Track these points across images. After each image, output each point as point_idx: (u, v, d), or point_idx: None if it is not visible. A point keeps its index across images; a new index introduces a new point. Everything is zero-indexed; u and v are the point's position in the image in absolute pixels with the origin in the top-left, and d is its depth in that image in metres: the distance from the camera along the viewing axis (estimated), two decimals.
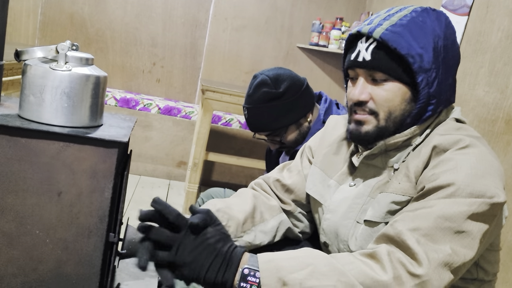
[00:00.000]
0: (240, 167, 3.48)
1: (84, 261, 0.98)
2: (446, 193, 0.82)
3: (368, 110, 0.95)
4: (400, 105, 0.94)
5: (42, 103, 0.93)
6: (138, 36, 3.67)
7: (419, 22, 0.91)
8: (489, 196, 0.81)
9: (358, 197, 1.00)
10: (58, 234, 0.96)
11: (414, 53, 0.88)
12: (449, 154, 0.87)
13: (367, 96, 0.95)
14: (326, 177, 1.10)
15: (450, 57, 0.94)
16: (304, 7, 3.80)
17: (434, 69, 0.90)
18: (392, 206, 0.93)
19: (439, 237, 0.80)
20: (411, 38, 0.89)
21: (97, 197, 0.95)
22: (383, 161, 0.99)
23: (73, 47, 1.01)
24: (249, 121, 1.56)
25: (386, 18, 0.94)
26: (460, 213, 0.80)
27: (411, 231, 0.81)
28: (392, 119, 0.95)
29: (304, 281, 0.76)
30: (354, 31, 0.96)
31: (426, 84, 0.90)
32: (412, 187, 0.91)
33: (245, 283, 0.77)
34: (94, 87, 0.98)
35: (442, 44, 0.91)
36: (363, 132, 0.97)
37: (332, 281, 0.75)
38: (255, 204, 1.11)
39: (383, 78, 0.93)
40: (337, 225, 1.03)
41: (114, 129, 1.02)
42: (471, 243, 0.80)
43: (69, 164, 0.93)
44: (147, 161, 3.43)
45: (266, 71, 1.53)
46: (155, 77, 3.76)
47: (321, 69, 3.92)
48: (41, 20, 3.51)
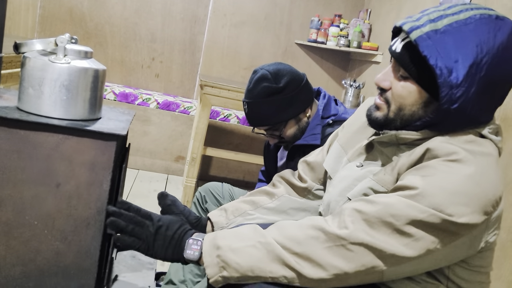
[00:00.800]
0: (237, 162, 3.49)
1: (82, 252, 0.99)
2: (407, 193, 0.83)
3: (384, 98, 0.97)
4: (411, 106, 0.92)
5: (41, 96, 0.94)
6: (137, 31, 3.67)
7: (467, 32, 0.84)
8: (448, 213, 0.79)
9: (358, 180, 1.01)
10: (57, 225, 0.97)
11: (443, 66, 0.83)
12: (435, 162, 0.85)
13: (387, 84, 0.96)
14: (343, 153, 1.14)
15: (496, 76, 0.85)
16: (303, 4, 3.80)
17: (463, 86, 0.83)
18: (369, 191, 0.95)
19: (377, 226, 0.83)
20: (446, 50, 0.84)
21: (96, 189, 0.96)
22: (393, 153, 0.99)
23: (72, 40, 1.02)
24: (248, 116, 1.56)
25: (435, 19, 0.87)
26: (407, 215, 0.81)
27: (354, 211, 0.86)
28: (400, 116, 0.94)
29: (232, 244, 0.91)
30: (399, 24, 0.93)
31: (449, 100, 0.84)
32: (392, 182, 0.93)
33: (190, 250, 0.95)
34: (93, 80, 0.99)
35: (488, 61, 0.83)
36: (373, 116, 1.00)
37: (252, 242, 0.90)
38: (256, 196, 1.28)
39: (404, 75, 0.92)
40: (332, 199, 1.06)
41: (112, 122, 1.03)
42: (410, 244, 0.82)
43: (67, 156, 0.94)
44: (146, 155, 3.44)
45: (266, 66, 1.54)
46: (154, 72, 3.76)
47: (319, 66, 3.93)
48: (40, 14, 3.50)
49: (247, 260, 0.89)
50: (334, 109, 1.57)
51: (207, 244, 0.94)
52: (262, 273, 0.88)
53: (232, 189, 1.73)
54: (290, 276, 0.87)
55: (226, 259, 0.90)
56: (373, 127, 1.02)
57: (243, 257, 0.89)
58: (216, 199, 1.69)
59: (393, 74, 0.95)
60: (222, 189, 1.70)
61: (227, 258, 0.90)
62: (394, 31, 0.97)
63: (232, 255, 0.90)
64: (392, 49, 0.94)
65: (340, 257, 0.84)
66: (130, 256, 1.32)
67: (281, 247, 0.88)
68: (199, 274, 1.55)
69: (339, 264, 0.84)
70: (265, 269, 0.88)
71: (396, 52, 0.92)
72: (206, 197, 1.70)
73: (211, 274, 0.91)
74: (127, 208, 0.99)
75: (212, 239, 0.94)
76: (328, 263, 0.84)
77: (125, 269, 1.30)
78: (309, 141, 1.50)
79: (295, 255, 0.87)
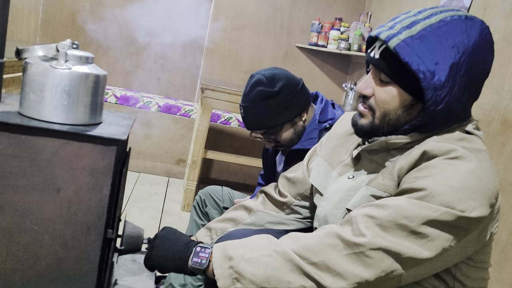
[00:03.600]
0: (238, 165, 3.50)
1: (83, 257, 0.99)
2: (416, 195, 0.83)
3: (368, 106, 0.97)
4: (396, 110, 0.93)
5: (42, 101, 0.95)
6: (139, 34, 3.68)
7: (442, 34, 0.87)
8: (460, 209, 0.81)
9: (352, 190, 1.02)
10: (57, 230, 0.97)
11: (425, 70, 0.85)
12: (435, 161, 0.86)
13: (370, 91, 0.96)
14: (330, 169, 1.13)
15: (474, 74, 0.88)
16: (304, 7, 3.81)
17: (446, 86, 0.86)
18: (371, 199, 0.95)
19: (392, 229, 0.82)
20: (426, 53, 0.86)
21: (96, 194, 0.97)
22: (383, 159, 1.00)
23: (74, 45, 1.02)
24: (245, 120, 1.58)
25: (409, 26, 0.89)
26: (420, 215, 0.81)
27: (366, 217, 0.84)
28: (386, 121, 0.95)
29: (245, 254, 0.88)
30: (374, 34, 0.94)
31: (434, 101, 0.87)
32: (394, 186, 0.93)
33: (197, 258, 0.93)
34: (94, 85, 0.99)
35: (466, 60, 0.86)
36: (359, 124, 1.00)
37: (268, 252, 0.87)
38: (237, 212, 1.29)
39: (386, 80, 0.93)
40: (328, 213, 1.06)
41: (113, 127, 1.03)
42: (427, 244, 0.82)
43: (68, 161, 0.94)
44: (147, 158, 3.45)
45: (262, 71, 1.55)
46: (155, 75, 3.77)
47: (320, 69, 3.93)
48: (43, 18, 3.52)
49: (263, 270, 0.85)
50: (331, 113, 1.57)
51: (217, 254, 0.91)
52: (280, 284, 0.85)
53: (232, 192, 1.73)
54: (309, 286, 0.84)
55: (240, 270, 0.87)
56: (361, 136, 1.02)
57: (258, 267, 0.86)
58: (216, 202, 1.69)
59: (374, 81, 0.96)
60: (222, 193, 1.71)
61: (241, 269, 0.87)
62: (369, 40, 0.98)
63: (247, 265, 0.86)
64: (371, 55, 0.95)
65: (360, 265, 0.82)
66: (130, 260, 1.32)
67: (299, 256, 0.85)
68: (200, 278, 1.55)
69: (360, 272, 0.82)
70: (283, 279, 0.85)
71: (375, 58, 0.93)
72: (206, 200, 1.70)
73: (223, 286, 0.88)
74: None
75: (222, 249, 0.91)
76: (348, 272, 0.82)
77: (125, 273, 1.30)
78: (306, 146, 1.50)
79: (313, 265, 0.84)
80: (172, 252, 0.99)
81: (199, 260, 0.92)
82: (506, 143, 1.80)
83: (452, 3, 2.33)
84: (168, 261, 0.98)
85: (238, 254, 0.89)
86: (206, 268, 0.93)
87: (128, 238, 1.12)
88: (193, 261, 0.93)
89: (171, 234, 1.03)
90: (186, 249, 0.97)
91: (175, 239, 1.01)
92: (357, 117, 1.01)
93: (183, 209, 2.86)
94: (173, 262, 0.97)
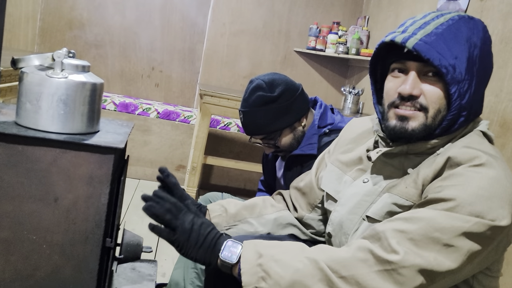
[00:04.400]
0: (238, 171, 3.49)
1: (81, 266, 0.98)
2: (445, 206, 0.81)
3: (419, 106, 0.92)
4: (444, 106, 0.92)
5: (38, 110, 0.94)
6: (137, 41, 3.68)
7: (454, 30, 0.89)
8: (490, 219, 0.79)
9: (368, 195, 1.00)
10: (55, 239, 0.96)
11: (447, 64, 0.86)
12: (461, 169, 0.84)
13: (419, 91, 0.92)
14: (341, 174, 1.12)
15: (484, 68, 0.91)
16: (301, 11, 3.82)
17: (467, 80, 0.88)
18: (394, 207, 0.93)
19: (424, 244, 0.79)
20: (445, 48, 0.87)
21: (94, 202, 0.96)
22: (401, 163, 0.98)
23: (70, 54, 1.02)
24: (244, 125, 1.58)
25: (421, 26, 0.91)
26: (453, 227, 0.79)
27: (396, 231, 0.81)
28: (439, 118, 0.92)
29: (276, 255, 0.86)
30: (388, 39, 0.93)
31: (459, 95, 0.88)
32: (418, 194, 0.90)
33: (228, 252, 0.90)
34: (91, 94, 0.99)
35: (478, 54, 0.89)
36: (409, 129, 0.93)
37: (300, 258, 0.85)
38: (257, 202, 1.23)
39: (433, 78, 0.91)
40: (344, 218, 1.04)
41: (110, 135, 1.03)
42: (457, 258, 0.80)
43: (65, 171, 0.94)
44: (146, 165, 3.44)
45: (262, 76, 1.56)
46: (154, 82, 3.78)
47: (319, 73, 3.94)
48: (40, 26, 3.53)
49: (291, 274, 0.83)
50: (330, 118, 1.57)
51: (248, 249, 0.88)
52: None
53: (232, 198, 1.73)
54: None
55: (268, 269, 0.84)
56: (409, 140, 0.96)
57: (287, 270, 0.83)
58: None
59: (420, 79, 0.92)
60: (222, 199, 1.70)
61: (269, 268, 0.84)
62: (381, 47, 0.97)
63: (276, 266, 0.84)
64: (413, 54, 0.90)
65: (391, 282, 0.79)
66: (130, 268, 1.31)
67: (329, 268, 0.82)
68: (201, 286, 1.54)
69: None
70: (309, 286, 0.82)
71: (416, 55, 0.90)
72: None
73: (247, 282, 0.85)
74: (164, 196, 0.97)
75: (253, 246, 0.89)
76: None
77: (125, 282, 1.29)
78: (305, 151, 1.50)
79: (343, 278, 0.81)
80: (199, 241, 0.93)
81: (229, 254, 0.89)
82: (506, 145, 1.80)
83: (449, 6, 2.33)
84: (195, 249, 0.92)
85: (269, 253, 0.86)
86: (234, 265, 0.89)
87: (127, 246, 1.11)
88: (223, 254, 0.89)
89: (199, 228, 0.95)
90: (215, 241, 0.92)
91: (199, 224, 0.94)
92: (401, 124, 0.94)
93: None
94: (200, 251, 0.92)
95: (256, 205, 1.23)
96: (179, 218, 0.94)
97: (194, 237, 0.92)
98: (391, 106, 0.96)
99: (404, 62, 0.94)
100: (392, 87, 0.96)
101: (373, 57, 1.02)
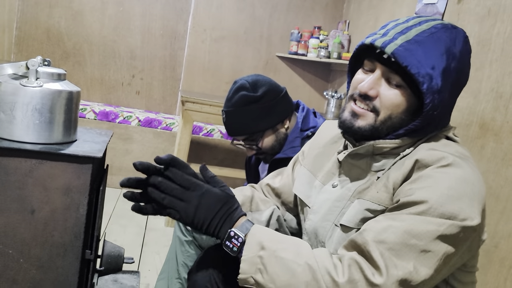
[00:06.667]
0: (222, 178, 3.42)
1: (60, 279, 0.96)
2: (418, 209, 0.82)
3: (372, 107, 0.93)
4: (401, 114, 0.92)
5: (13, 120, 0.92)
6: (116, 48, 3.65)
7: (435, 39, 0.89)
8: (461, 219, 0.81)
9: (339, 200, 1.00)
10: (33, 253, 0.94)
11: (424, 73, 0.86)
12: (429, 170, 0.86)
13: (375, 92, 0.93)
14: (313, 178, 1.11)
15: (459, 80, 0.91)
16: (282, 16, 3.83)
17: (442, 92, 0.88)
18: (366, 213, 0.93)
19: (404, 253, 0.80)
20: (423, 57, 0.87)
21: (72, 214, 0.94)
22: (367, 164, 0.99)
23: (45, 62, 1.00)
24: (227, 125, 1.58)
25: (403, 31, 0.90)
26: (428, 232, 0.80)
27: (377, 243, 0.81)
28: (388, 124, 0.93)
29: (278, 251, 0.84)
30: (368, 42, 0.93)
31: (432, 106, 0.88)
32: (389, 198, 0.91)
33: (229, 243, 0.88)
34: (67, 102, 0.97)
35: (455, 66, 0.89)
36: (356, 125, 0.95)
37: (300, 261, 0.83)
38: (253, 194, 1.21)
39: (398, 83, 0.91)
40: (317, 226, 1.04)
41: (88, 145, 1.00)
42: (434, 264, 0.80)
43: (42, 182, 0.92)
44: (129, 174, 3.38)
45: (246, 77, 1.57)
46: (134, 89, 3.74)
47: (301, 77, 3.95)
48: (17, 35, 3.46)
49: (288, 276, 0.82)
50: (313, 121, 1.57)
51: (251, 239, 0.87)
52: None
53: None
54: None
55: (266, 264, 0.84)
56: (355, 137, 0.99)
57: (285, 271, 0.83)
58: None
59: (381, 81, 0.93)
60: None
61: (268, 263, 0.84)
62: (361, 48, 0.97)
63: (275, 263, 0.83)
64: (384, 57, 0.91)
65: None
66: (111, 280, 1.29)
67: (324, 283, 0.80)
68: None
69: None
70: None
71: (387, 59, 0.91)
72: None
73: (244, 270, 0.85)
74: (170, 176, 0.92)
75: (258, 237, 0.87)
76: None
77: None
78: (288, 154, 1.50)
79: None
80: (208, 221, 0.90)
81: (231, 245, 0.88)
82: (485, 146, 1.82)
83: (427, 9, 2.36)
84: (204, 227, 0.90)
85: (272, 247, 0.85)
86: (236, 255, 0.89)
87: (107, 258, 1.09)
88: (225, 244, 0.88)
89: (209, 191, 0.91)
90: (220, 225, 0.90)
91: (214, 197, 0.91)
92: (351, 119, 0.96)
93: (167, 225, 2.82)
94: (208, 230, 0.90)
95: (252, 199, 1.21)
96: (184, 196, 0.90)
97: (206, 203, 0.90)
98: (350, 98, 0.98)
99: (374, 62, 0.94)
100: (357, 80, 0.97)
101: (352, 57, 1.02)
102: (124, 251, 1.13)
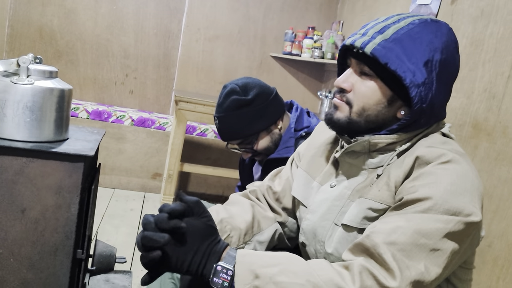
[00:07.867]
0: (216, 178, 3.46)
1: (51, 279, 0.95)
2: (423, 207, 0.82)
3: (346, 99, 0.97)
4: (376, 105, 0.94)
5: (3, 118, 0.91)
6: (109, 47, 3.63)
7: (414, 35, 0.90)
8: (466, 214, 0.81)
9: (338, 199, 1.00)
10: (23, 252, 0.93)
11: (405, 69, 0.88)
12: (430, 167, 0.86)
13: (349, 85, 0.96)
14: (310, 179, 1.11)
15: (447, 72, 0.93)
16: (276, 16, 3.83)
17: (427, 83, 0.89)
18: (369, 212, 0.92)
19: (415, 253, 0.80)
20: (402, 53, 0.89)
21: (63, 213, 0.93)
22: (364, 161, 0.99)
23: (36, 60, 0.99)
24: (220, 130, 1.56)
25: (381, 30, 0.93)
26: (437, 230, 0.80)
27: (387, 244, 0.80)
28: (365, 116, 0.95)
29: (274, 276, 0.79)
30: (348, 42, 0.95)
31: (420, 99, 0.89)
32: (391, 196, 0.91)
33: (218, 279, 0.82)
34: (58, 100, 0.95)
35: (438, 58, 0.90)
36: (335, 117, 0.98)
37: (301, 280, 0.79)
38: (254, 213, 1.14)
39: (369, 73, 0.94)
40: (316, 225, 1.03)
41: (80, 143, 0.99)
42: (443, 262, 0.81)
43: (33, 180, 0.90)
44: (121, 173, 3.38)
45: (235, 81, 1.55)
46: (128, 89, 3.72)
47: (295, 78, 3.95)
48: (9, 33, 3.43)
49: None
50: (306, 121, 1.57)
51: (242, 270, 0.81)
52: None
53: (210, 206, 1.70)
54: None
55: None
56: (336, 130, 1.01)
57: None
58: None
59: (355, 75, 0.97)
60: None
61: None
62: (344, 48, 1.00)
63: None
64: (354, 50, 0.95)
65: None
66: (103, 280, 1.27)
67: None
68: None
69: None
70: None
71: (358, 52, 0.94)
72: None
73: None
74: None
75: (248, 265, 0.82)
76: None
77: None
78: (282, 154, 1.49)
79: None
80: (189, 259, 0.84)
81: (220, 281, 0.82)
82: (478, 146, 1.83)
83: (421, 10, 2.37)
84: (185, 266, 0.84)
85: (267, 274, 0.80)
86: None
87: (99, 257, 1.08)
88: (213, 281, 0.82)
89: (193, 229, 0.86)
90: (204, 262, 0.84)
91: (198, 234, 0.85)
92: (332, 111, 1.00)
93: None
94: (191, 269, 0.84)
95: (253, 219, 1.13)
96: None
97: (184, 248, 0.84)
98: (333, 95, 1.02)
99: (350, 59, 0.98)
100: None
101: (338, 58, 1.05)
102: (116, 250, 1.12)
